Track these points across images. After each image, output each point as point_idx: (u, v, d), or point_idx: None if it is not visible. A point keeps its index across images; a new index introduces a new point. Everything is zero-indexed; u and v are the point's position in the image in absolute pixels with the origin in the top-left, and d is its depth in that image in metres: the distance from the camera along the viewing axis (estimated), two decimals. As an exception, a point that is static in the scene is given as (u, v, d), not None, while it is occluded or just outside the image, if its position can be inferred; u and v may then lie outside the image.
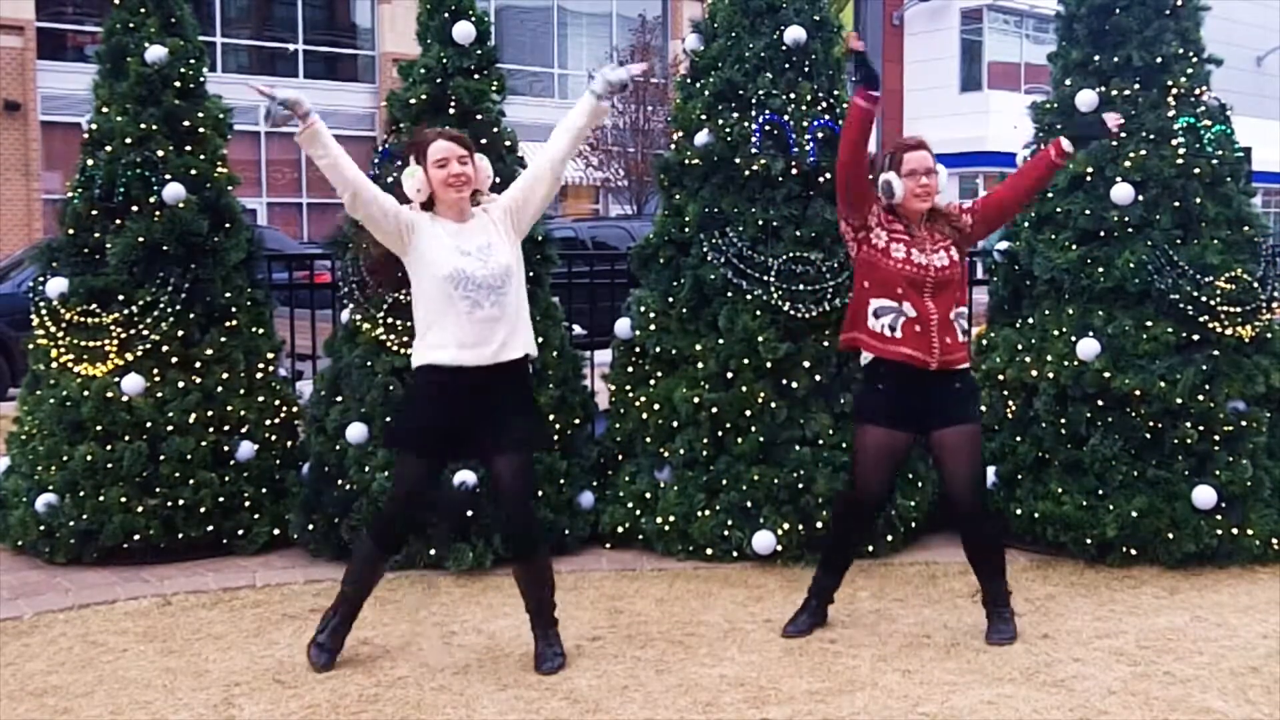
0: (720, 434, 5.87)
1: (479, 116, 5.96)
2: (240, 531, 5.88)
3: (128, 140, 5.88)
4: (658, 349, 6.08)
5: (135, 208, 5.85)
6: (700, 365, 5.94)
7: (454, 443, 4.45)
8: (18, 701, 4.22)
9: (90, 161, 5.95)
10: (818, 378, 5.85)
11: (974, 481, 4.69)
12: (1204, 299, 5.72)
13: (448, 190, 4.34)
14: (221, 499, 5.80)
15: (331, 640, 4.52)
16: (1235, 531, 5.60)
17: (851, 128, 4.57)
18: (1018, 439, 5.92)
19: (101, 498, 5.66)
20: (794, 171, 5.97)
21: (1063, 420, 5.79)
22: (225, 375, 5.93)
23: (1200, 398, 5.65)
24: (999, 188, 4.97)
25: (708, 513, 5.78)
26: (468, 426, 4.37)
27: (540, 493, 5.77)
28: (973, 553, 4.79)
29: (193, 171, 5.95)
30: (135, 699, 4.22)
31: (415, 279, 4.38)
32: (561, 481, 5.88)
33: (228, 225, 6.08)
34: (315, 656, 4.49)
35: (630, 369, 6.24)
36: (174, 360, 5.86)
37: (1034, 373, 5.88)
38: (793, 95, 6.03)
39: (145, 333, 5.81)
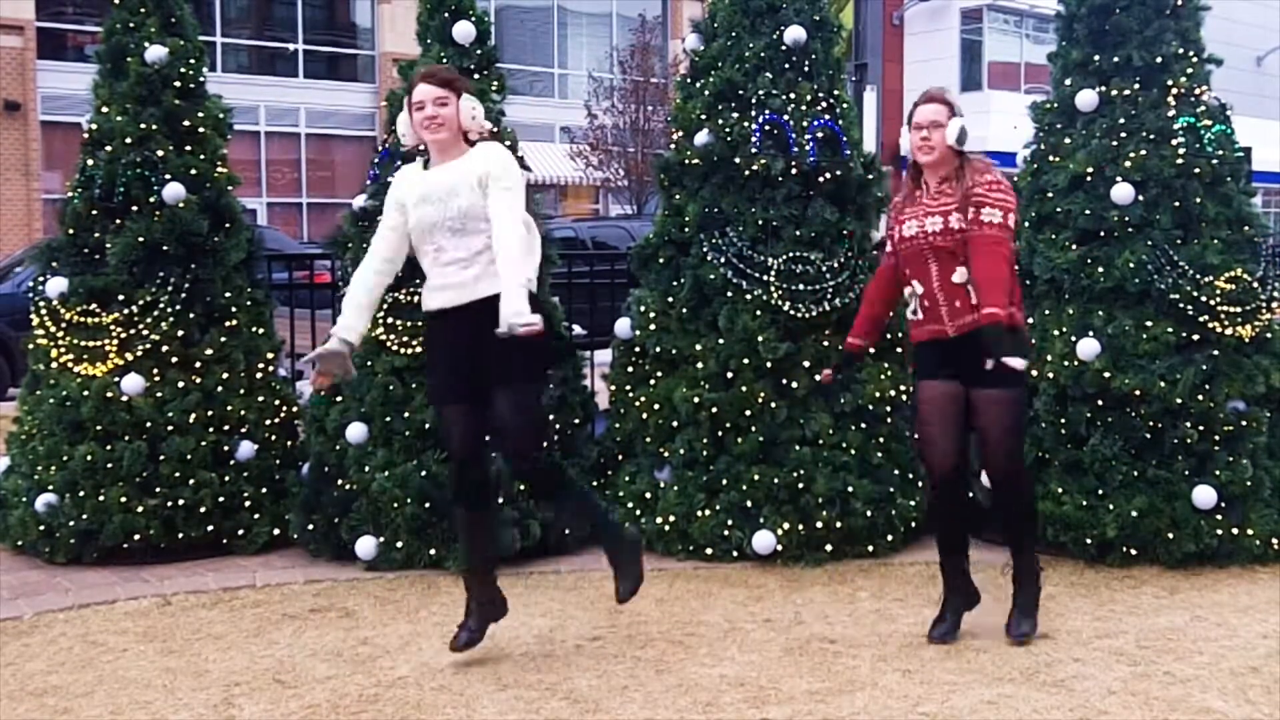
0: (720, 434, 5.87)
1: (479, 116, 5.96)
2: (240, 531, 5.88)
3: (128, 140, 5.88)
4: (658, 349, 6.08)
5: (135, 208, 5.85)
6: (700, 365, 5.94)
7: (466, 384, 4.35)
8: (18, 701, 4.22)
9: (90, 161, 5.95)
10: (818, 378, 5.84)
11: (1003, 445, 4.62)
12: (1204, 299, 5.72)
13: (424, 132, 4.35)
14: (221, 499, 5.80)
15: (469, 621, 4.51)
16: (1235, 531, 5.60)
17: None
18: (1018, 439, 5.92)
19: (101, 498, 5.66)
20: (794, 171, 5.97)
21: (1063, 420, 5.79)
22: (225, 375, 5.93)
23: (1200, 398, 5.65)
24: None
25: (708, 513, 5.78)
26: (471, 365, 4.32)
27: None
28: (1003, 520, 4.85)
29: (193, 171, 5.95)
30: (135, 699, 4.22)
31: None
32: (561, 481, 5.88)
33: (228, 225, 6.08)
34: (458, 638, 4.48)
35: (630, 369, 6.24)
36: (174, 360, 5.86)
37: (1034, 373, 5.87)
38: (793, 95, 6.04)
39: (145, 333, 5.81)
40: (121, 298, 5.84)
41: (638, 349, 6.20)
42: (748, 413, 5.82)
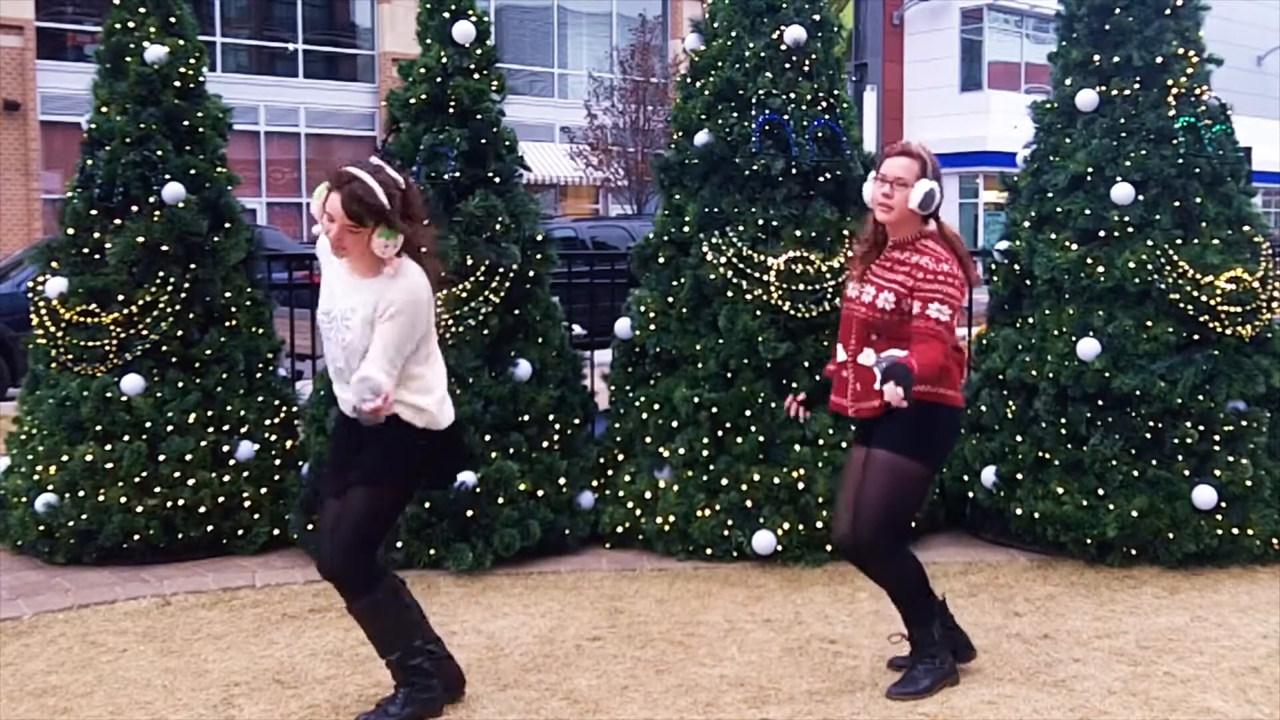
0: (720, 434, 5.87)
1: (479, 116, 5.96)
2: (240, 531, 5.88)
3: (127, 140, 5.88)
4: (658, 349, 6.08)
5: (135, 208, 5.85)
6: (700, 365, 5.94)
7: (332, 481, 4.02)
8: (17, 701, 4.22)
9: (90, 161, 5.95)
10: (818, 378, 5.84)
11: (860, 510, 4.12)
12: (1204, 299, 5.71)
13: (334, 246, 3.81)
14: (221, 499, 5.80)
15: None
16: (1235, 531, 5.60)
17: None
18: (1018, 439, 5.92)
19: (101, 498, 5.66)
20: (794, 171, 5.97)
21: (1063, 420, 5.79)
22: (225, 375, 5.93)
23: (1200, 398, 5.65)
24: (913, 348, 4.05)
25: (708, 513, 5.78)
26: (339, 464, 4.01)
27: (540, 492, 5.78)
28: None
29: (192, 171, 5.95)
30: (135, 699, 4.22)
31: None
32: (561, 481, 5.88)
33: (227, 225, 6.08)
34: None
35: (630, 369, 6.24)
36: (174, 360, 5.86)
37: (1034, 373, 5.88)
38: (793, 95, 6.03)
39: (145, 333, 5.81)
40: (121, 298, 5.83)
41: (638, 349, 6.20)
42: (748, 413, 5.82)
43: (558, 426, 5.99)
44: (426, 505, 5.55)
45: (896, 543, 4.21)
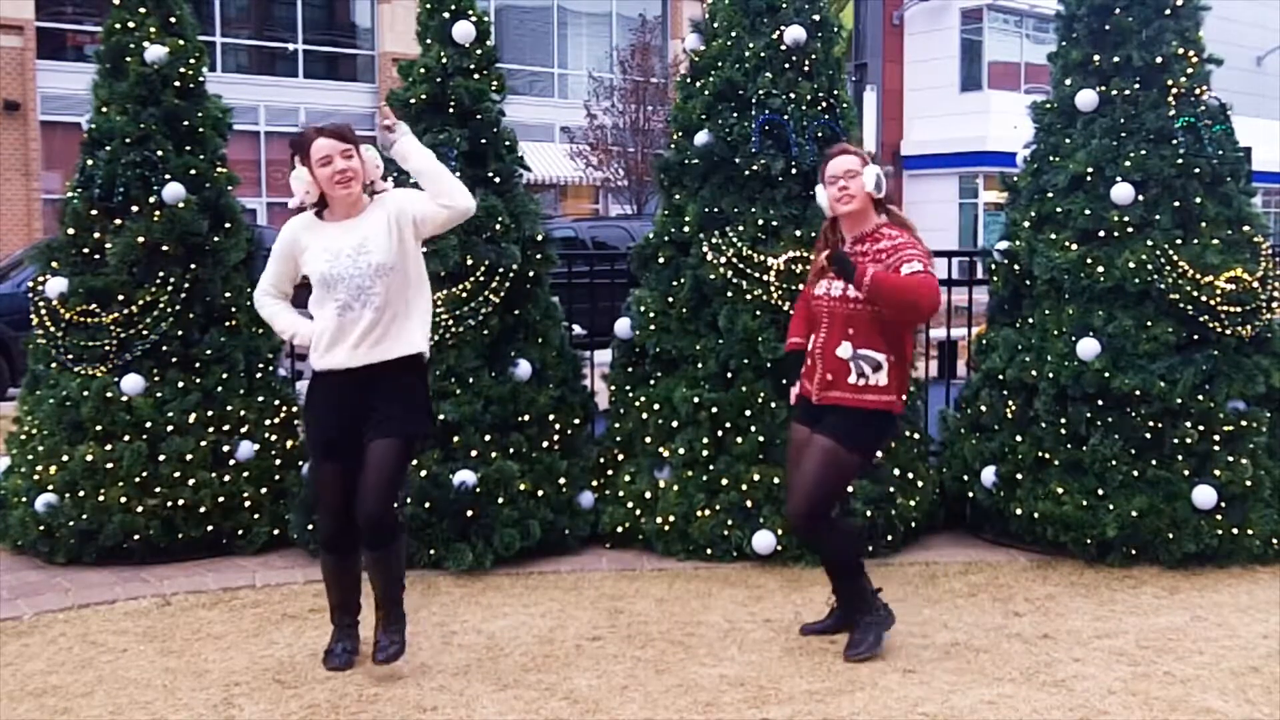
0: (720, 434, 5.87)
1: (479, 116, 5.97)
2: (240, 531, 5.88)
3: (127, 140, 5.88)
4: (658, 349, 6.08)
5: (135, 208, 5.85)
6: (700, 365, 5.94)
7: (350, 442, 4.31)
8: (18, 701, 4.22)
9: (90, 161, 5.95)
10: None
11: (799, 491, 4.51)
12: (1204, 299, 5.72)
13: (335, 188, 4.26)
14: (221, 499, 5.80)
15: (341, 644, 4.53)
16: (1235, 531, 5.60)
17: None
18: (1018, 439, 5.92)
19: (101, 498, 5.66)
20: (794, 171, 5.97)
21: (1063, 420, 5.79)
22: (225, 375, 5.93)
23: (1200, 398, 5.65)
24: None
25: (708, 513, 5.78)
26: (352, 425, 4.29)
27: (540, 492, 5.78)
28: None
29: (192, 171, 5.95)
30: (135, 699, 4.22)
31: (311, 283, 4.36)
32: (561, 481, 5.88)
33: (228, 225, 6.08)
34: (329, 661, 4.49)
35: (630, 369, 6.24)
36: (174, 360, 5.86)
37: (1034, 373, 5.88)
38: (793, 95, 6.03)
39: (145, 333, 5.81)
40: (121, 298, 5.83)
41: (638, 349, 6.20)
42: (748, 413, 5.82)
43: (558, 426, 5.99)
44: (427, 505, 5.55)
45: (831, 515, 4.65)
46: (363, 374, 4.26)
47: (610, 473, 6.16)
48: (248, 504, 5.88)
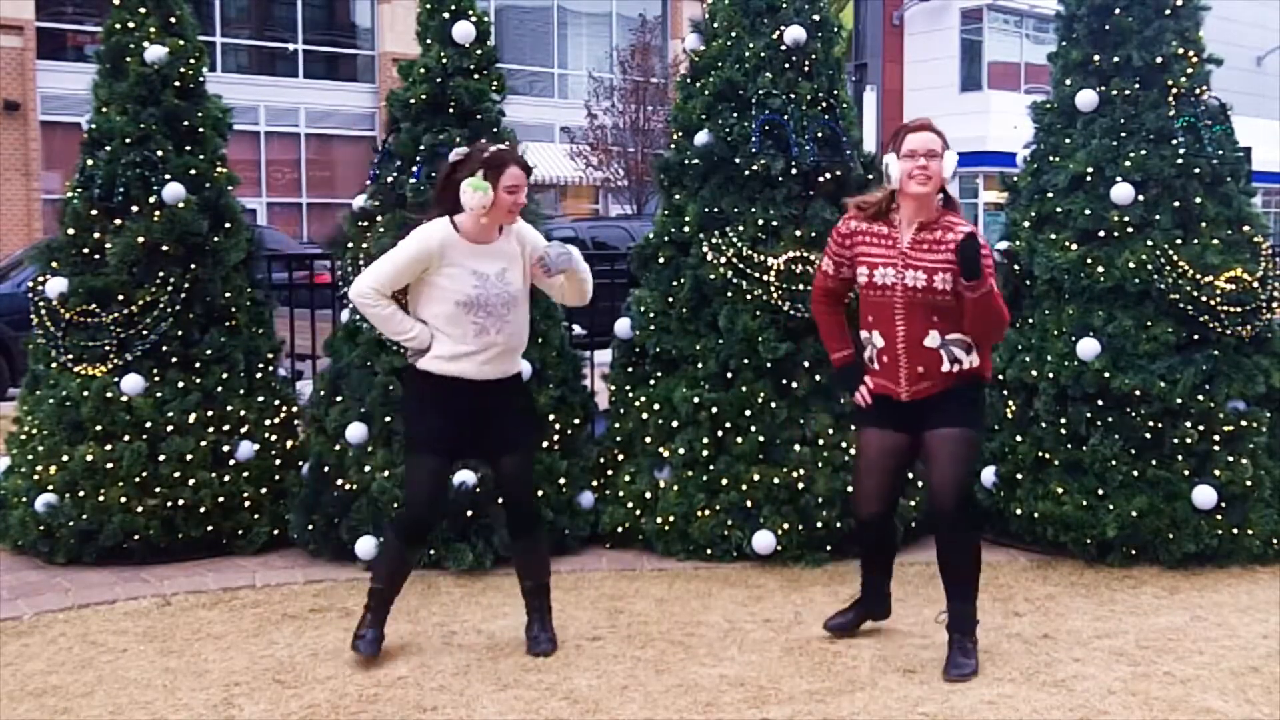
0: (720, 434, 5.87)
1: (479, 116, 5.97)
2: (240, 531, 5.88)
3: (127, 140, 5.88)
4: (658, 349, 6.08)
5: (135, 208, 5.85)
6: (700, 365, 5.94)
7: (461, 443, 4.60)
8: (17, 701, 4.22)
9: (90, 161, 5.95)
10: (818, 378, 5.84)
11: (951, 485, 4.32)
12: (1204, 299, 5.72)
13: (505, 215, 4.48)
14: (221, 499, 5.80)
15: (373, 631, 4.58)
16: (1235, 531, 5.60)
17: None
18: (1018, 439, 5.92)
19: (101, 498, 5.66)
20: (794, 171, 5.97)
21: (1063, 420, 5.79)
22: (225, 375, 5.93)
23: (1200, 398, 5.65)
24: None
25: (708, 513, 5.78)
26: (471, 428, 4.54)
27: (540, 492, 5.77)
28: (942, 564, 4.44)
29: (193, 171, 5.95)
30: (135, 699, 4.22)
31: (429, 292, 4.45)
32: (561, 481, 5.88)
33: (228, 225, 6.08)
34: (361, 647, 4.53)
35: (630, 369, 6.24)
36: (174, 360, 5.86)
37: (1034, 373, 5.88)
38: (793, 95, 6.03)
39: (145, 333, 5.81)
40: (121, 298, 5.83)
41: (638, 349, 6.20)
42: (748, 413, 5.82)
43: (558, 426, 5.99)
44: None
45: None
46: (483, 385, 4.50)
47: (610, 473, 6.16)
48: (248, 504, 5.88)
